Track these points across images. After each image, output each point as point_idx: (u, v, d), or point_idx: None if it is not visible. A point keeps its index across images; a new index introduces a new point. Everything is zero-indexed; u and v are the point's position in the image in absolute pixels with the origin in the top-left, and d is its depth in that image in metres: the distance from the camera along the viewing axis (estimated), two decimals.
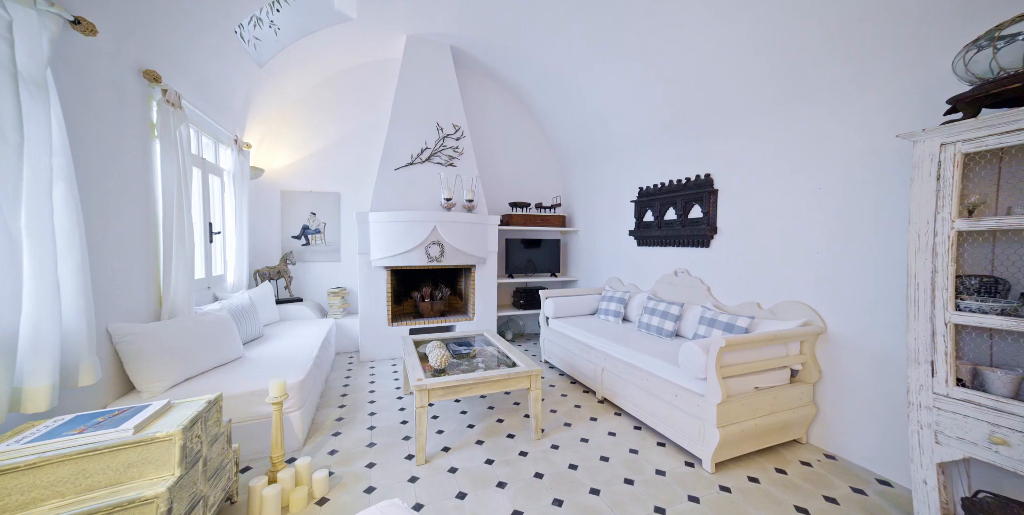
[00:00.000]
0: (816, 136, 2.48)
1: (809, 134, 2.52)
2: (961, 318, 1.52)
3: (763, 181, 2.83)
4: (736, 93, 2.90)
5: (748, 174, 2.95)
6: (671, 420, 2.43)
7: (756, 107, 2.82)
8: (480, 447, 2.45)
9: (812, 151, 2.51)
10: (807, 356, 2.45)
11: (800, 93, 2.53)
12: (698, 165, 3.39)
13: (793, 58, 2.46)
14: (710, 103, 3.13)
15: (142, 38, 2.18)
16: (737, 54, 2.73)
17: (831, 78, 2.34)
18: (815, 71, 2.40)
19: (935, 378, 1.59)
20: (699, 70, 3.04)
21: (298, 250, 4.70)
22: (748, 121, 2.91)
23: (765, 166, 2.81)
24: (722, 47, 2.78)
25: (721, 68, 2.89)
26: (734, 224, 3.07)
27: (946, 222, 1.55)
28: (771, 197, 2.78)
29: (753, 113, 2.85)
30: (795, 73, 2.50)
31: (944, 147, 1.55)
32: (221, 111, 3.39)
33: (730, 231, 3.11)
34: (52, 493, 1.17)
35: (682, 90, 3.28)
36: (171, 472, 1.35)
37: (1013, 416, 1.37)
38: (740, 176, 3.01)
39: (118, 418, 1.39)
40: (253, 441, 2.25)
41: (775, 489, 2.03)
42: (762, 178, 2.84)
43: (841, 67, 2.27)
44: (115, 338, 2.02)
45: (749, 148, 2.93)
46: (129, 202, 2.20)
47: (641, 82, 3.57)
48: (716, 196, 3.22)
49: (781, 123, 2.69)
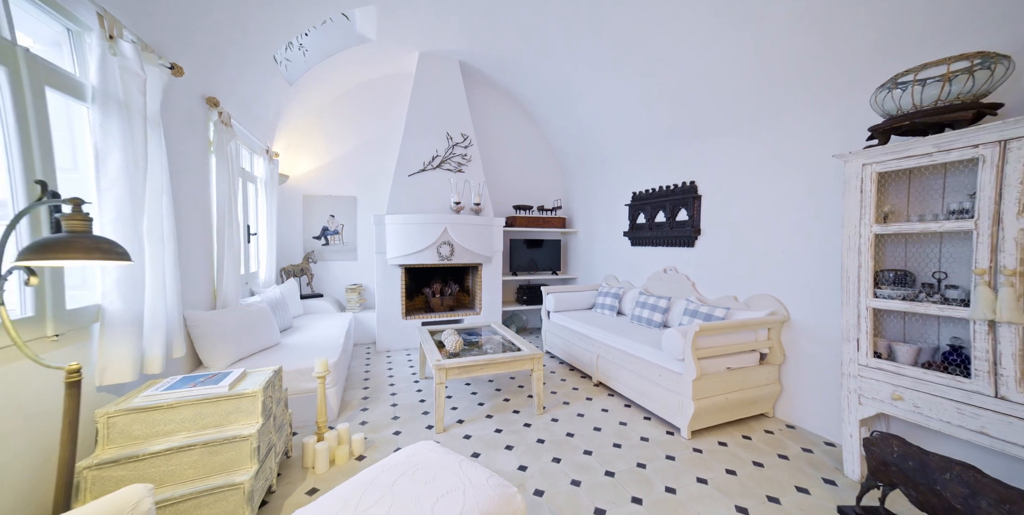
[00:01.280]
0: (781, 151, 2.87)
1: (775, 149, 2.91)
2: (877, 303, 1.90)
3: (739, 188, 3.22)
4: (715, 110, 3.29)
5: (727, 182, 3.33)
6: (655, 397, 2.82)
7: (732, 123, 3.21)
8: (490, 420, 2.85)
9: (778, 163, 2.90)
10: (773, 341, 2.84)
11: (768, 113, 2.92)
12: (684, 173, 3.78)
13: (762, 82, 2.84)
14: (693, 117, 3.52)
15: (206, 71, 2.58)
16: (714, 77, 3.12)
17: (793, 101, 2.73)
18: (780, 95, 2.78)
19: (859, 352, 1.98)
20: (683, 88, 3.43)
21: (318, 250, 5.11)
22: (726, 135, 3.30)
23: (741, 175, 3.20)
24: (702, 71, 3.17)
25: (701, 88, 3.27)
26: (715, 226, 3.46)
27: (867, 227, 1.94)
28: (746, 202, 3.16)
29: (730, 128, 3.24)
30: (763, 95, 2.89)
31: (864, 167, 1.94)
32: (257, 125, 3.80)
33: (712, 233, 3.49)
34: (182, 427, 1.58)
35: (669, 105, 3.66)
36: (256, 420, 1.75)
37: (907, 378, 1.76)
38: (720, 183, 3.40)
39: (214, 379, 1.79)
40: (298, 412, 2.65)
41: (739, 450, 2.41)
42: (738, 186, 3.23)
43: (801, 93, 2.66)
44: (188, 322, 2.42)
45: (727, 159, 3.31)
46: (194, 209, 2.60)
47: (633, 96, 3.95)
48: (700, 201, 3.61)
49: (753, 138, 3.07)
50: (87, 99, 1.58)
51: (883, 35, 2.11)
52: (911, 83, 1.70)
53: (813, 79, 2.55)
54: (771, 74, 2.76)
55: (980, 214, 1.53)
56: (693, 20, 2.88)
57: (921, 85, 1.67)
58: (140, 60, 1.71)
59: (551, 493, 1.99)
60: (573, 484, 2.07)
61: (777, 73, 2.72)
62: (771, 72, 2.75)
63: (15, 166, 1.32)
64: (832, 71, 2.43)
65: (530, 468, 2.23)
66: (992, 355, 1.50)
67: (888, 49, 2.13)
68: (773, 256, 2.95)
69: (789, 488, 2.01)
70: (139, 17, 1.84)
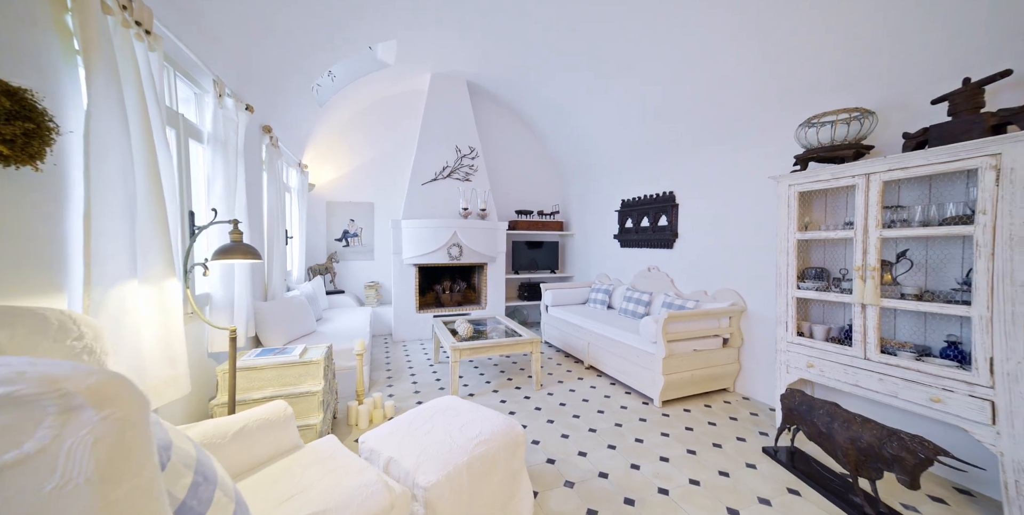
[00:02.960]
0: (737, 170, 3.41)
1: (732, 168, 3.46)
2: (799, 293, 2.45)
3: (707, 199, 3.76)
4: (686, 132, 3.84)
5: (698, 193, 3.88)
6: (634, 374, 3.37)
7: (700, 144, 3.75)
8: (495, 393, 3.40)
9: (734, 180, 3.44)
10: (734, 328, 3.38)
11: (726, 138, 3.46)
12: (665, 184, 4.33)
13: (720, 113, 3.39)
14: (670, 137, 4.06)
15: (265, 104, 3.15)
16: (684, 106, 3.66)
17: (744, 129, 3.27)
18: (734, 124, 3.33)
19: (787, 332, 2.52)
20: (659, 113, 3.97)
21: (340, 250, 5.67)
22: (696, 154, 3.84)
23: (708, 188, 3.75)
24: (674, 99, 3.71)
25: (674, 114, 3.82)
26: (690, 231, 4.00)
27: (792, 233, 2.49)
28: (713, 211, 3.71)
29: (699, 148, 3.79)
30: (722, 124, 3.43)
31: (790, 187, 2.48)
32: (293, 142, 4.36)
33: (687, 236, 4.04)
34: (268, 383, 2.14)
35: (651, 125, 4.21)
36: (319, 382, 2.31)
37: (816, 350, 2.31)
38: (693, 194, 3.94)
39: (285, 351, 2.35)
40: (339, 385, 3.21)
41: (699, 414, 2.96)
42: (706, 197, 3.77)
43: (750, 123, 3.20)
44: (255, 310, 2.98)
45: (697, 174, 3.86)
46: (254, 217, 3.17)
47: (621, 116, 4.50)
48: (677, 209, 4.16)
49: (716, 158, 3.62)
50: (203, 141, 2.14)
51: (806, 82, 2.66)
52: (818, 125, 2.24)
53: (759, 113, 3.10)
54: (727, 107, 3.30)
55: (857, 226, 2.07)
56: (662, 60, 3.43)
57: (824, 127, 2.22)
58: (235, 109, 2.27)
59: (545, 442, 2.55)
60: (563, 437, 2.62)
61: (731, 106, 3.26)
62: (726, 105, 3.30)
63: (176, 195, 1.89)
64: (774, 108, 2.97)
65: (529, 426, 2.78)
66: (863, 329, 2.04)
67: (814, 93, 2.67)
68: (733, 257, 3.49)
69: (731, 439, 2.55)
70: (228, 70, 2.40)
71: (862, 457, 1.68)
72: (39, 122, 0.97)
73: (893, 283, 2.07)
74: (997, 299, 1.55)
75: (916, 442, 1.50)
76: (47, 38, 1.13)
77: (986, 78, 1.71)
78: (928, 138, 1.83)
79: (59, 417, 0.53)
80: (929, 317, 2.04)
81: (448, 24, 3.95)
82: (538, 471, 2.21)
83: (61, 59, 1.17)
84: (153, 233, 1.46)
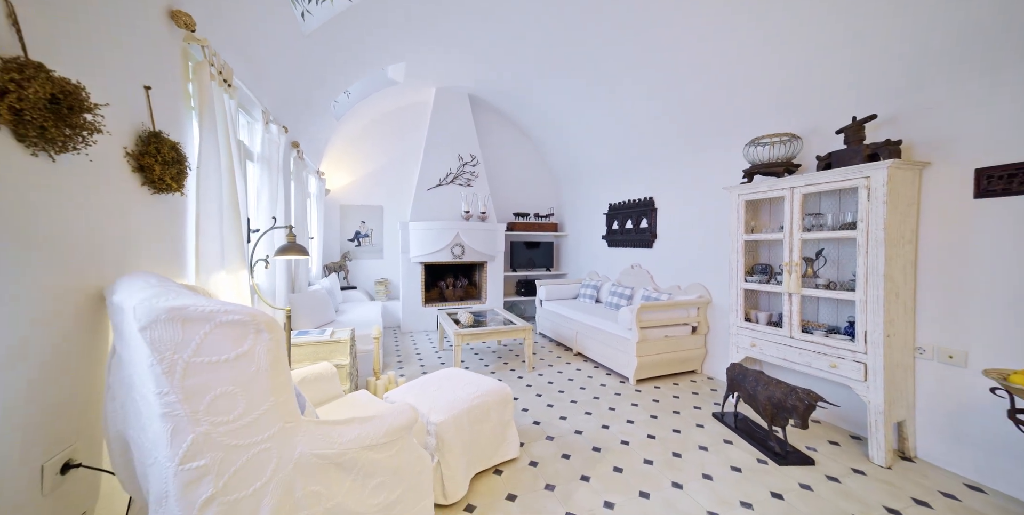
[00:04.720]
0: (702, 179, 3.90)
1: (699, 177, 3.94)
2: (745, 285, 2.93)
3: (680, 204, 4.25)
4: (662, 145, 4.32)
5: (673, 198, 4.36)
6: (614, 358, 3.86)
7: (674, 155, 4.24)
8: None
9: (704, 185, 3.92)
10: (701, 317, 3.87)
11: (694, 151, 3.95)
12: (645, 190, 4.81)
13: (688, 129, 3.87)
14: (649, 147, 4.55)
15: (296, 123, 3.65)
16: (658, 121, 4.14)
17: (708, 145, 3.76)
18: (701, 139, 3.81)
19: (737, 318, 3.01)
20: (639, 125, 4.45)
21: (352, 250, 6.18)
22: (671, 163, 4.33)
23: (680, 194, 4.23)
24: (651, 114, 4.19)
25: (651, 126, 4.30)
26: (667, 232, 4.49)
27: (740, 235, 2.97)
28: (686, 214, 4.19)
29: (673, 158, 4.27)
30: (691, 138, 3.91)
31: (739, 196, 2.96)
32: (313, 153, 4.87)
33: (665, 237, 4.52)
34: (306, 357, 2.64)
35: (629, 136, 4.70)
36: (347, 357, 2.81)
37: (758, 332, 2.80)
38: (668, 200, 4.43)
39: (316, 332, 2.85)
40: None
41: (667, 390, 3.45)
42: (680, 202, 4.25)
43: (713, 139, 3.69)
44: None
45: (674, 180, 4.34)
46: (284, 221, 3.67)
47: (607, 127, 4.98)
48: (656, 212, 4.64)
49: (690, 167, 4.10)
50: (254, 160, 2.64)
51: (751, 108, 3.14)
52: (759, 145, 2.73)
53: (718, 132, 3.58)
54: (692, 125, 3.79)
55: (785, 229, 2.55)
56: (643, 81, 3.91)
57: (763, 147, 2.70)
58: (277, 133, 2.77)
59: (532, 410, 3.04)
60: (548, 406, 3.12)
61: (696, 125, 3.75)
62: (692, 123, 3.78)
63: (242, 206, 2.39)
64: (728, 127, 3.46)
65: (520, 399, 3.28)
66: (790, 313, 2.52)
67: (758, 117, 3.16)
68: (701, 255, 3.97)
69: (689, 407, 3.04)
70: (271, 100, 2.90)
71: (774, 410, 2.16)
72: (184, 164, 1.48)
73: (814, 276, 2.55)
74: (870, 286, 2.03)
75: (804, 393, 1.99)
76: (178, 101, 1.63)
77: (862, 118, 2.21)
78: (832, 161, 2.31)
79: (256, 335, 1.03)
80: (840, 302, 2.53)
81: (452, 46, 4.44)
82: (525, 429, 2.71)
83: (184, 114, 1.67)
84: (232, 236, 1.96)
